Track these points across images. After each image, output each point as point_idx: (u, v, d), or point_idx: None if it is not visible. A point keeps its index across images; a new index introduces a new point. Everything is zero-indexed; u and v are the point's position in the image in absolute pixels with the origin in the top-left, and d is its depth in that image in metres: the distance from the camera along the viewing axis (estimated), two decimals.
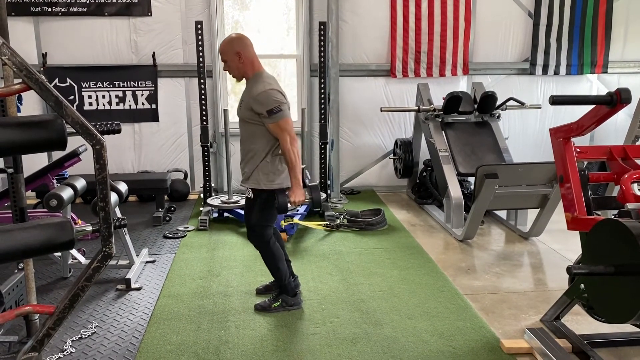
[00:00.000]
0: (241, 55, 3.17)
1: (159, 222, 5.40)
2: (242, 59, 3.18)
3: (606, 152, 3.01)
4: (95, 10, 6.08)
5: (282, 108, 3.11)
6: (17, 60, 1.62)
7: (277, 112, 3.09)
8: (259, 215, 3.33)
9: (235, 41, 3.20)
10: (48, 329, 1.84)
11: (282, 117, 3.11)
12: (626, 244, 2.24)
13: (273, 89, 3.13)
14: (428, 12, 6.44)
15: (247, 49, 3.19)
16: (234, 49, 3.17)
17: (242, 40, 3.21)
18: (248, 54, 3.20)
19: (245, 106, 3.20)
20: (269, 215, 3.34)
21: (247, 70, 3.22)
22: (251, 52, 3.22)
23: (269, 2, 6.49)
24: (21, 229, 1.83)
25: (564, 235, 4.20)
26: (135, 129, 6.44)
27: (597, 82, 7.02)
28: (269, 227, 3.40)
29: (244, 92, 3.29)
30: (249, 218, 3.40)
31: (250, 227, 3.42)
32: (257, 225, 3.36)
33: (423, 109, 5.75)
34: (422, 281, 3.96)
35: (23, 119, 1.79)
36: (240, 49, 3.17)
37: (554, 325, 3.15)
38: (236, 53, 3.17)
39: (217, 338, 3.13)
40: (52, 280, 4.04)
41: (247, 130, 3.26)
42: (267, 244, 3.39)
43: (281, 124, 3.12)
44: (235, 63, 3.20)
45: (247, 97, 3.21)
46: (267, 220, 3.37)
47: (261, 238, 3.38)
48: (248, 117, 3.20)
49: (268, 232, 3.39)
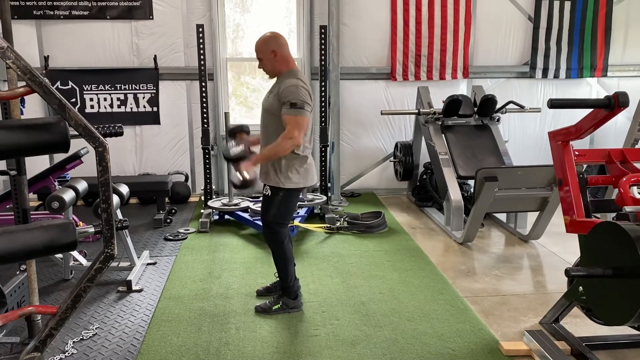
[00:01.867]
0: (277, 54, 3.23)
1: (160, 225, 5.41)
2: (277, 57, 3.23)
3: (605, 155, 3.03)
4: (97, 14, 6.11)
5: (305, 107, 3.12)
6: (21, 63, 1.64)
7: (299, 107, 3.10)
8: (275, 212, 3.33)
9: (271, 40, 3.26)
10: (50, 329, 1.85)
11: (301, 113, 3.11)
12: (624, 247, 2.25)
13: (305, 88, 3.17)
14: (428, 15, 6.47)
15: (282, 48, 3.25)
16: (269, 48, 3.22)
17: (278, 39, 3.27)
18: (283, 53, 3.25)
19: (274, 96, 3.21)
20: (285, 213, 3.35)
21: (282, 67, 3.27)
22: (286, 50, 3.28)
23: (270, 5, 6.52)
24: (24, 230, 1.85)
25: (563, 237, 4.21)
26: (136, 132, 6.46)
27: (597, 85, 7.04)
28: (285, 226, 3.40)
29: (274, 84, 3.31)
30: (266, 215, 3.39)
31: (265, 224, 3.42)
32: (272, 222, 3.36)
33: (423, 112, 5.77)
34: (422, 283, 3.97)
35: (27, 122, 1.81)
36: (276, 47, 3.22)
37: (553, 327, 3.16)
38: (272, 51, 3.22)
39: (218, 340, 3.15)
40: (53, 281, 4.05)
41: (270, 122, 3.26)
42: (281, 243, 3.40)
43: (298, 119, 3.11)
44: (270, 61, 3.25)
45: (276, 88, 3.23)
46: (283, 218, 3.37)
47: (276, 236, 3.39)
48: (274, 109, 3.20)
49: (283, 231, 3.39)
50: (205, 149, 5.80)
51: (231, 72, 6.60)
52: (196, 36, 5.66)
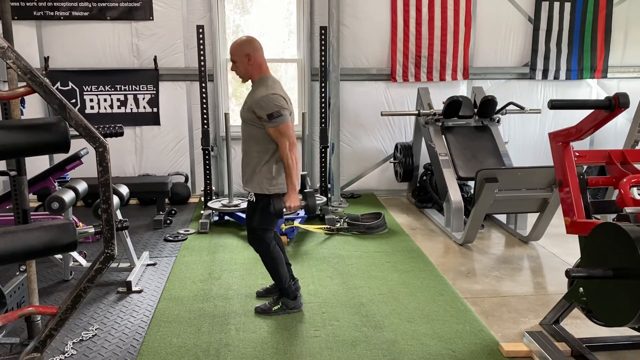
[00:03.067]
0: (250, 58, 3.22)
1: (160, 225, 5.41)
2: (251, 61, 3.22)
3: (605, 156, 3.03)
4: (97, 15, 6.12)
5: (282, 113, 3.13)
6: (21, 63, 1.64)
7: (277, 116, 3.11)
8: (259, 218, 3.34)
9: (246, 44, 3.25)
10: (50, 329, 1.85)
11: (282, 121, 3.13)
12: (625, 248, 2.25)
13: (275, 94, 3.16)
14: (428, 16, 6.47)
15: (256, 52, 3.24)
16: (244, 51, 3.22)
17: (253, 43, 3.26)
18: (257, 57, 3.24)
19: (248, 108, 3.23)
20: (269, 219, 3.36)
21: (255, 73, 3.26)
22: (260, 55, 3.27)
23: (270, 6, 6.53)
24: (24, 230, 1.85)
25: (563, 239, 4.21)
26: (136, 133, 6.46)
27: (597, 86, 7.05)
28: (270, 231, 3.42)
29: (249, 94, 3.32)
30: (250, 221, 3.42)
31: (251, 230, 3.44)
32: (257, 228, 3.38)
33: (423, 113, 5.77)
34: (422, 285, 3.97)
35: (27, 122, 1.81)
36: (250, 52, 3.22)
37: (553, 328, 3.16)
38: (246, 55, 3.21)
39: (218, 341, 3.14)
40: (53, 282, 4.05)
41: (249, 132, 3.28)
42: (267, 248, 3.41)
43: (281, 129, 3.14)
44: (243, 65, 3.24)
45: (250, 100, 3.24)
46: (268, 224, 3.39)
47: (261, 241, 3.40)
48: (250, 120, 3.23)
49: (268, 236, 3.41)
50: (205, 150, 5.80)
51: (231, 73, 6.58)
52: (196, 37, 5.66)
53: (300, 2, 6.39)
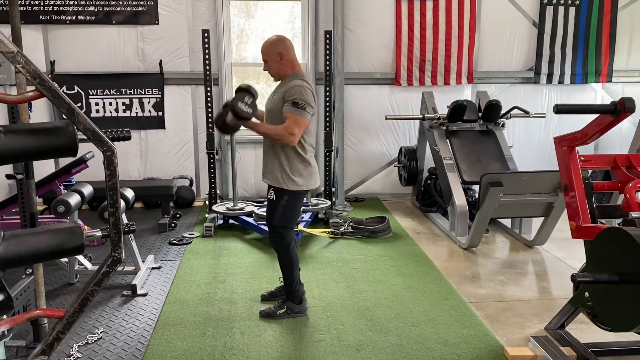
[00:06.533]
0: (283, 56, 3.25)
1: (165, 229, 5.43)
2: (283, 60, 3.26)
3: (610, 161, 3.02)
4: (103, 19, 6.15)
5: (307, 109, 3.15)
6: (31, 68, 1.65)
7: (301, 107, 3.13)
8: (280, 216, 3.34)
9: (278, 42, 3.29)
10: (58, 332, 1.86)
11: (302, 113, 3.13)
12: (630, 253, 2.25)
13: (310, 90, 3.21)
14: (433, 21, 6.48)
15: (288, 51, 3.28)
16: (276, 50, 3.25)
17: (284, 42, 3.30)
18: (289, 56, 3.28)
19: (278, 97, 3.24)
20: (290, 216, 3.36)
21: (288, 70, 3.30)
22: (292, 53, 3.31)
23: (275, 10, 6.55)
24: (32, 233, 1.86)
25: (568, 243, 4.20)
26: (141, 136, 6.48)
27: (602, 91, 7.04)
28: (290, 229, 3.42)
29: (279, 85, 3.33)
30: (271, 219, 3.40)
31: (271, 228, 3.43)
32: (278, 226, 3.37)
33: (428, 117, 5.78)
34: (426, 289, 3.96)
35: (35, 126, 1.82)
36: (283, 50, 3.25)
37: (558, 333, 3.15)
38: (279, 53, 3.25)
39: (222, 344, 3.15)
40: (58, 285, 4.06)
41: (274, 123, 3.27)
42: (287, 247, 3.41)
43: (298, 118, 3.13)
44: (276, 64, 3.28)
45: (281, 88, 3.26)
46: (289, 222, 3.39)
47: (282, 240, 3.40)
48: (278, 108, 3.22)
49: (289, 235, 3.40)
50: (210, 153, 5.81)
51: (236, 77, 6.62)
52: (202, 41, 5.68)
53: (305, 7, 6.41)
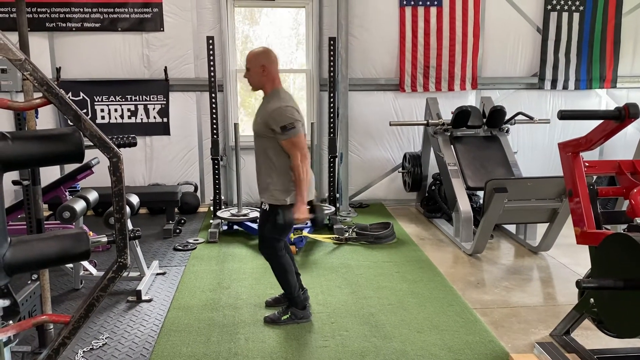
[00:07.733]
0: (265, 69, 3.27)
1: (170, 235, 5.44)
2: (265, 72, 3.27)
3: (615, 167, 3.02)
4: (108, 26, 6.19)
5: (295, 125, 3.17)
6: (38, 75, 1.66)
7: (290, 129, 3.15)
8: (271, 227, 3.36)
9: (262, 55, 3.31)
10: (64, 338, 1.86)
11: (294, 134, 3.17)
12: (636, 258, 2.24)
13: (288, 106, 3.21)
14: (437, 27, 6.50)
15: (271, 65, 3.29)
16: (259, 62, 3.27)
17: (269, 55, 3.32)
18: (271, 70, 3.29)
19: (261, 121, 3.27)
20: (281, 229, 3.38)
21: (267, 84, 3.31)
22: (275, 68, 3.32)
23: (279, 17, 6.58)
24: (39, 239, 1.87)
25: (573, 249, 4.19)
26: (146, 142, 6.51)
27: (606, 96, 7.03)
28: (281, 241, 3.45)
29: (260, 106, 3.36)
30: (262, 229, 3.44)
31: (262, 238, 3.46)
32: (269, 237, 3.40)
33: (432, 123, 5.78)
34: (431, 295, 3.96)
35: (43, 132, 1.83)
36: (266, 63, 3.27)
37: (563, 339, 3.14)
38: (261, 66, 3.26)
39: (227, 350, 3.15)
40: (63, 291, 4.08)
41: (262, 144, 3.32)
42: (277, 257, 3.43)
43: (294, 141, 3.17)
44: (257, 75, 3.29)
45: (262, 112, 3.29)
46: (279, 234, 3.41)
47: (272, 250, 3.42)
48: (263, 133, 3.26)
49: (279, 245, 3.43)
50: (214, 159, 5.83)
51: (240, 83, 6.65)
52: (206, 48, 5.71)
53: (309, 13, 6.44)
